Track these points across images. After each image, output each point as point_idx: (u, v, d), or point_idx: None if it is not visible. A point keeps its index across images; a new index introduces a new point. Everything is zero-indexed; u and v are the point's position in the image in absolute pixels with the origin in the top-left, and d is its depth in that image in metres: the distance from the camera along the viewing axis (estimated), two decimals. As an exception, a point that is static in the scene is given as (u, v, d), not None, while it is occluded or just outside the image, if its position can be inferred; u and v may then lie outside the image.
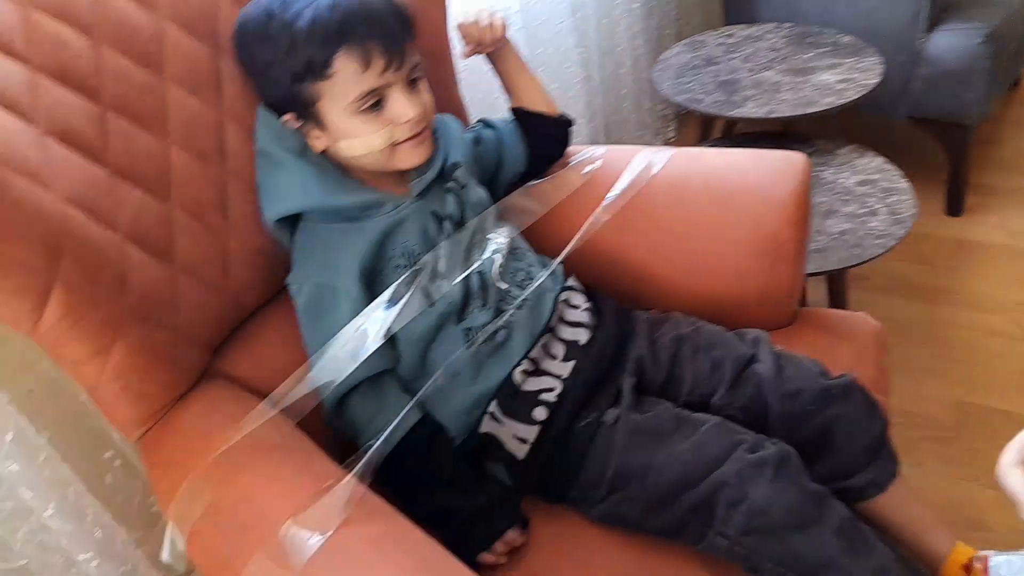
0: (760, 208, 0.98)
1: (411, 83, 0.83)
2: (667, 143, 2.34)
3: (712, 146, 1.56)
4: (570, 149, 1.11)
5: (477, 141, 1.00)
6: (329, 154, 0.86)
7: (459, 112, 1.10)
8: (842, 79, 1.50)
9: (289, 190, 0.84)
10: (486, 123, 1.03)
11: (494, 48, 1.01)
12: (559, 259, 0.94)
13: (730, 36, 1.72)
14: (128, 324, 0.72)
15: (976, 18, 1.73)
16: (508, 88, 1.05)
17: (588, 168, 1.05)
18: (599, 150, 1.09)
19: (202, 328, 0.80)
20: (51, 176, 0.67)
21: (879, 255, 1.24)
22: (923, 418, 1.46)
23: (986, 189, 2.03)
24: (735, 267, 1.00)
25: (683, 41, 1.73)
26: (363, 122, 0.81)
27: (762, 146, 1.58)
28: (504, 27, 0.99)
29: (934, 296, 1.74)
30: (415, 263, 0.85)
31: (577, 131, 1.74)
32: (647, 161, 1.04)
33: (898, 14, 1.74)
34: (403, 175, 0.89)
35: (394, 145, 0.83)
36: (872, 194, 1.37)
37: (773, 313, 1.03)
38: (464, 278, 0.85)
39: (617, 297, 1.00)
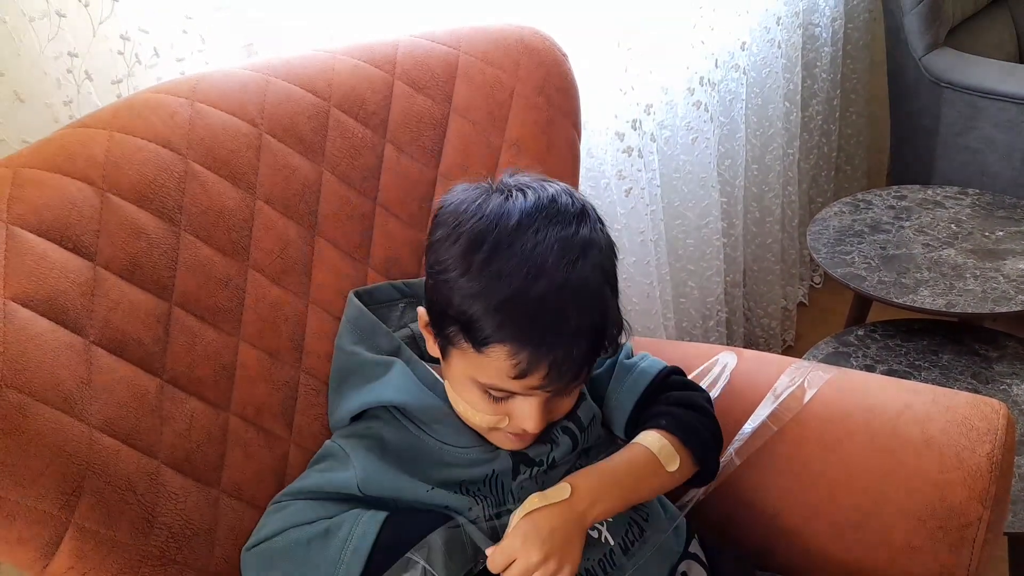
0: (943, 474, 0.77)
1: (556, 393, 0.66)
2: (812, 288, 2.12)
3: (868, 333, 1.34)
4: (690, 347, 0.94)
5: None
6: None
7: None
8: (1043, 270, 1.26)
9: (379, 388, 0.71)
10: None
11: None
12: (682, 513, 0.76)
13: (902, 198, 1.51)
14: (148, 570, 0.61)
15: None
16: None
17: (716, 391, 0.87)
18: (729, 359, 0.91)
19: (239, 560, 0.68)
20: (88, 399, 0.59)
21: (1092, 518, 0.97)
22: None
23: None
24: (903, 542, 0.78)
25: (845, 199, 1.54)
26: (479, 397, 0.66)
27: (930, 340, 1.38)
28: None
29: None
30: (473, 494, 0.69)
31: (712, 281, 1.59)
32: (796, 384, 0.86)
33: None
34: None
35: (494, 429, 0.69)
36: (1080, 426, 1.10)
37: (946, 601, 0.81)
38: None
39: (738, 548, 0.81)
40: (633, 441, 0.73)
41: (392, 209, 0.84)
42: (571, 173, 0.92)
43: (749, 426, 0.83)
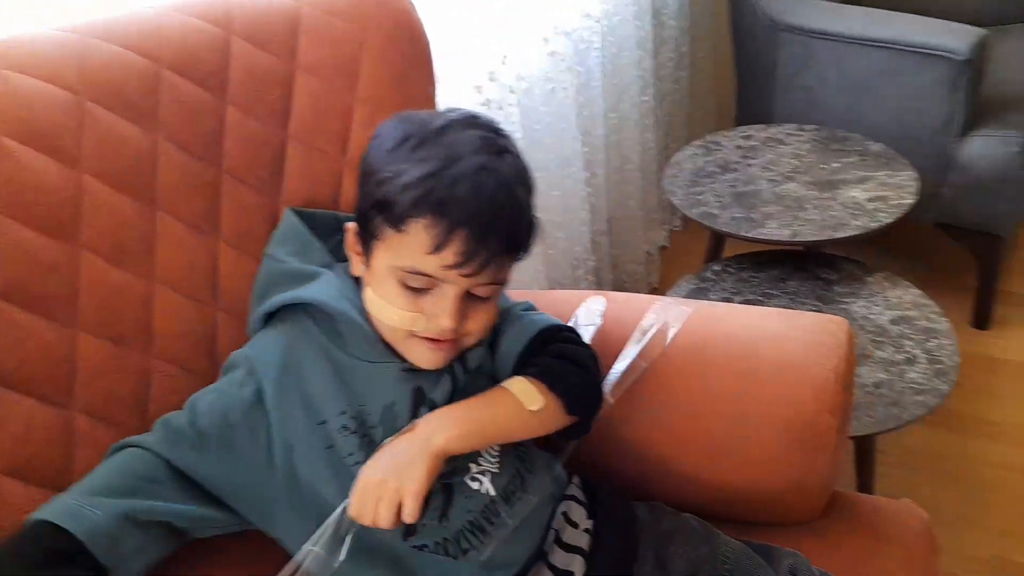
0: (796, 389, 0.83)
1: (471, 296, 0.69)
2: (674, 231, 2.22)
3: (724, 268, 1.41)
4: (560, 294, 0.96)
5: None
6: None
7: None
8: (873, 196, 1.36)
9: (302, 290, 0.72)
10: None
11: None
12: (559, 462, 0.78)
13: (748, 138, 1.59)
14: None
15: (1013, 124, 1.60)
16: None
17: (588, 332, 0.90)
18: (597, 305, 0.93)
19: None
20: None
21: (921, 416, 1.09)
22: (954, 581, 1.30)
23: (1015, 299, 1.89)
24: (764, 456, 0.84)
25: (696, 141, 1.60)
26: (397, 292, 0.68)
27: (779, 269, 1.49)
28: None
29: (962, 425, 1.58)
30: (365, 431, 0.69)
31: (578, 231, 1.62)
32: (660, 323, 0.89)
33: (930, 118, 1.62)
34: None
35: (411, 334, 0.69)
36: (908, 335, 1.22)
37: (802, 506, 0.88)
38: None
39: (616, 482, 0.84)
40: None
41: (240, 176, 0.79)
42: (428, 128, 0.90)
43: (620, 365, 0.85)
